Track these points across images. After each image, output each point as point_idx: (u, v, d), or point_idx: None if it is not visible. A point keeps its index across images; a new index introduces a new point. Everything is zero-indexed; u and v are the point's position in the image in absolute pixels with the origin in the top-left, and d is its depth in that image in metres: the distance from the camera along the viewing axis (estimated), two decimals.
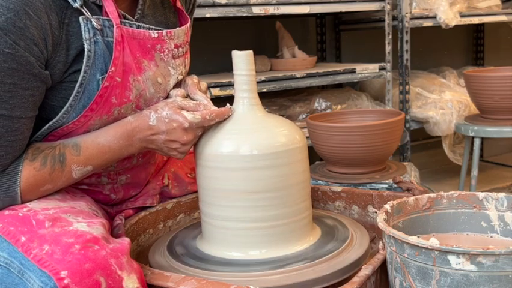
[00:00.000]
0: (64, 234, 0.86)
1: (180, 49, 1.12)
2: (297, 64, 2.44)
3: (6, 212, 0.94)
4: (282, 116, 1.81)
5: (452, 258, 0.80)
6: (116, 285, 0.83)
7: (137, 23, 1.05)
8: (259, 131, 1.03)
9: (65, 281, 0.79)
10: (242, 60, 1.05)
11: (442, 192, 1.05)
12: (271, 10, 2.12)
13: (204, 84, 1.14)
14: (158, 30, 1.07)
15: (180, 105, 1.04)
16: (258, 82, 2.02)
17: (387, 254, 0.91)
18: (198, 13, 1.97)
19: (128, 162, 1.15)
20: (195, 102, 1.06)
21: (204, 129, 1.05)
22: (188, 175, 1.30)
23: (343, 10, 2.34)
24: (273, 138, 1.02)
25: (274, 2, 2.12)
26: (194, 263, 1.01)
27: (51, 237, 0.85)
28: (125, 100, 1.02)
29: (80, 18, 0.96)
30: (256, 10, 2.09)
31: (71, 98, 0.98)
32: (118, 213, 1.19)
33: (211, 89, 2.03)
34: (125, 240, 0.92)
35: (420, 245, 0.82)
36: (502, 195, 1.02)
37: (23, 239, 0.86)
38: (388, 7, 2.43)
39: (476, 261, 0.78)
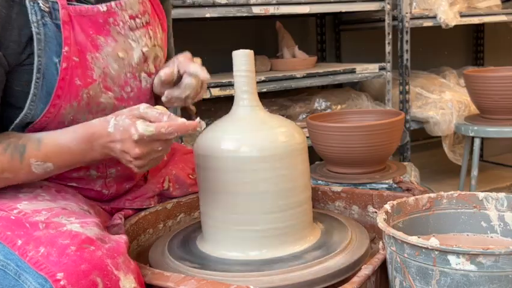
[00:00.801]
0: (59, 236, 0.85)
1: (138, 20, 1.07)
2: (297, 64, 2.44)
3: None
4: (282, 116, 1.81)
5: (452, 258, 0.80)
6: (113, 286, 0.82)
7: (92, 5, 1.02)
8: (259, 131, 1.03)
9: (62, 283, 0.79)
10: (242, 60, 1.05)
11: (442, 192, 1.05)
12: (271, 10, 2.12)
13: (198, 60, 1.09)
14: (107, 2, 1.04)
15: (141, 113, 0.95)
16: (258, 82, 2.02)
17: (387, 254, 0.91)
18: (198, 13, 1.97)
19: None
20: (159, 111, 0.95)
21: (167, 143, 0.96)
22: (190, 176, 1.29)
23: (343, 10, 2.34)
24: (273, 138, 1.02)
25: (274, 2, 2.12)
26: (194, 263, 1.01)
27: (46, 239, 0.85)
28: (89, 80, 1.00)
29: (27, 1, 0.95)
30: (256, 10, 2.09)
31: (32, 85, 0.97)
32: (114, 210, 1.18)
33: (211, 89, 2.03)
34: (122, 239, 0.91)
35: (420, 245, 0.82)
36: (502, 195, 1.02)
37: (19, 242, 0.86)
38: (388, 7, 2.43)
39: (476, 261, 0.78)
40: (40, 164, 0.97)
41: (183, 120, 0.94)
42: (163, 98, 1.11)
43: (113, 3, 1.04)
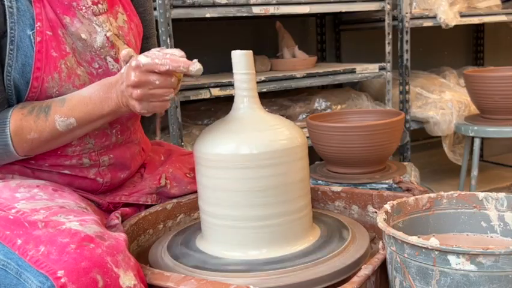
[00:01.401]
0: (58, 234, 0.86)
1: (100, 6, 1.12)
2: (297, 64, 2.44)
3: None
4: (282, 116, 1.81)
5: (452, 258, 0.80)
6: (113, 283, 0.83)
7: None
8: (259, 131, 1.03)
9: (62, 280, 0.79)
10: (242, 60, 1.05)
11: (442, 192, 1.05)
12: (271, 10, 2.12)
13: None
14: None
15: (145, 53, 1.00)
16: (258, 82, 2.02)
17: (387, 254, 0.91)
18: (198, 13, 1.97)
19: (107, 139, 1.14)
20: (173, 52, 0.99)
21: (166, 79, 0.97)
22: (187, 175, 1.29)
23: (343, 10, 2.34)
24: (273, 138, 1.02)
25: (274, 2, 2.12)
26: (194, 262, 1.01)
27: (46, 237, 0.86)
28: (64, 53, 1.05)
29: None
30: (256, 10, 2.09)
31: (6, 56, 1.01)
32: (112, 205, 1.18)
33: (211, 89, 2.03)
34: (121, 236, 0.92)
35: (420, 245, 0.82)
36: (502, 195, 1.01)
37: (19, 241, 0.87)
38: (388, 7, 2.43)
39: (476, 261, 0.78)
40: (64, 119, 1.02)
41: (183, 59, 0.97)
42: None
43: None
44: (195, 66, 0.97)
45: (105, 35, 1.12)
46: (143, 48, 1.25)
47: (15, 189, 1.02)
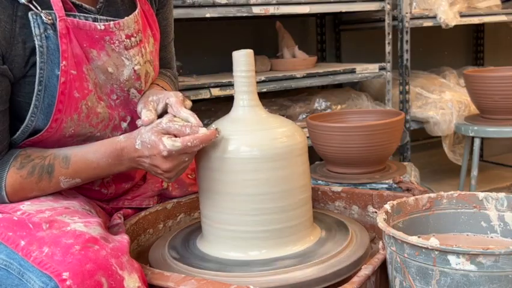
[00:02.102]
0: (62, 236, 0.86)
1: (133, 39, 1.07)
2: (297, 64, 2.44)
3: (0, 215, 0.94)
4: (282, 116, 1.81)
5: (452, 258, 0.80)
6: (117, 285, 0.83)
7: (93, 16, 1.02)
8: (259, 132, 1.03)
9: (68, 283, 0.79)
10: (242, 60, 1.05)
11: (442, 192, 1.05)
12: (271, 10, 2.12)
13: (189, 103, 1.07)
14: (110, 20, 1.04)
15: (165, 128, 0.98)
16: (258, 82, 2.02)
17: (387, 254, 0.91)
18: (198, 13, 1.97)
19: None
20: (180, 124, 0.99)
21: (193, 154, 1.01)
22: (189, 176, 1.29)
23: (343, 10, 2.34)
24: (273, 139, 1.02)
25: (274, 2, 2.12)
26: (194, 263, 1.01)
27: (50, 239, 0.85)
28: (86, 92, 1.01)
29: (29, 13, 0.95)
30: (256, 10, 2.09)
31: (34, 97, 0.98)
32: (114, 210, 1.18)
33: (211, 89, 2.03)
34: (125, 239, 0.92)
35: (420, 245, 0.82)
36: (502, 195, 1.01)
37: (23, 243, 0.86)
38: (388, 7, 2.43)
39: (476, 261, 0.78)
40: (69, 180, 1.02)
41: (204, 130, 0.98)
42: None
43: (112, 23, 1.03)
44: (219, 131, 1.01)
45: (133, 68, 1.08)
46: (161, 57, 1.24)
47: None
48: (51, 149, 1.02)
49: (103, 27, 1.02)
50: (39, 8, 0.95)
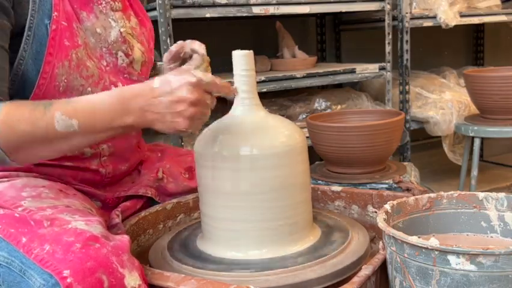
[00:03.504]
0: (63, 233, 0.86)
1: (116, 3, 1.18)
2: (297, 64, 2.44)
3: (1, 211, 0.94)
4: (282, 116, 1.81)
5: (452, 258, 0.80)
6: (118, 283, 0.83)
7: None
8: (259, 131, 1.03)
9: (68, 280, 0.79)
10: (242, 60, 1.05)
11: (442, 192, 1.05)
12: (271, 10, 2.12)
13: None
14: None
15: (187, 69, 1.02)
16: (258, 82, 2.02)
17: (387, 254, 0.91)
18: (198, 13, 1.97)
19: None
20: (203, 72, 1.00)
21: (211, 104, 0.96)
22: (183, 175, 1.31)
23: (343, 10, 2.34)
24: (273, 138, 1.02)
25: (274, 2, 2.12)
26: (194, 263, 1.01)
27: (51, 236, 0.86)
28: (76, 44, 1.06)
29: None
30: (256, 10, 2.09)
31: (22, 41, 1.01)
32: (111, 201, 1.19)
33: None
34: (125, 237, 0.92)
35: (420, 245, 0.82)
36: (502, 195, 1.01)
37: (24, 239, 0.87)
38: (388, 7, 2.43)
39: (476, 261, 0.78)
40: (65, 118, 0.90)
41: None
42: None
43: None
44: (236, 91, 1.05)
45: (119, 30, 1.16)
46: None
47: (21, 189, 1.02)
48: None
49: None
50: None
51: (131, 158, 1.26)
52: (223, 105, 1.31)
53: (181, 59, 1.21)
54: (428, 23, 2.61)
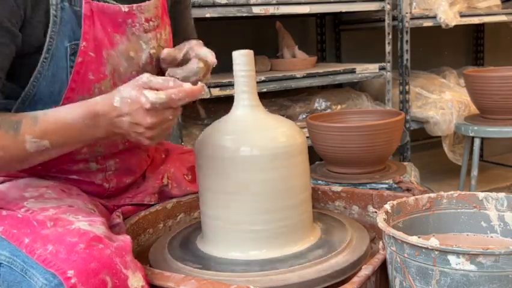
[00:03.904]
0: (67, 234, 0.86)
1: (151, 23, 1.09)
2: (297, 64, 2.44)
3: (4, 212, 0.94)
4: (282, 116, 1.81)
5: (452, 258, 0.80)
6: (121, 284, 0.83)
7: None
8: (259, 131, 1.03)
9: (72, 281, 0.79)
10: (242, 60, 1.05)
11: (442, 192, 1.05)
12: (271, 10, 2.12)
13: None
14: (128, 4, 1.06)
15: (145, 81, 0.92)
16: (258, 82, 2.02)
17: (387, 254, 0.91)
18: (198, 13, 1.97)
19: (115, 148, 1.13)
20: (163, 78, 0.94)
21: (177, 111, 0.94)
22: (185, 177, 1.30)
23: (343, 10, 2.34)
24: (273, 139, 1.02)
25: (274, 2, 2.12)
26: (194, 263, 1.01)
27: (54, 237, 0.86)
28: (101, 76, 1.01)
29: None
30: (256, 10, 2.09)
31: (39, 64, 0.98)
32: (116, 207, 1.18)
33: (211, 89, 2.03)
34: (127, 238, 0.92)
35: (420, 245, 0.82)
36: (502, 195, 1.01)
37: (27, 240, 0.86)
38: (388, 7, 2.43)
39: (476, 261, 0.78)
40: (36, 141, 0.91)
41: (188, 84, 0.93)
42: (166, 75, 1.10)
43: (134, 5, 1.06)
44: (205, 88, 0.96)
45: (149, 52, 1.09)
46: (184, 26, 1.30)
47: (23, 189, 1.02)
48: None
49: (127, 10, 1.04)
50: None
51: (137, 171, 1.24)
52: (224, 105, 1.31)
53: (177, 64, 1.11)
54: (428, 23, 2.61)
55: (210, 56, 1.08)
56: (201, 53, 1.08)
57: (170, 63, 1.10)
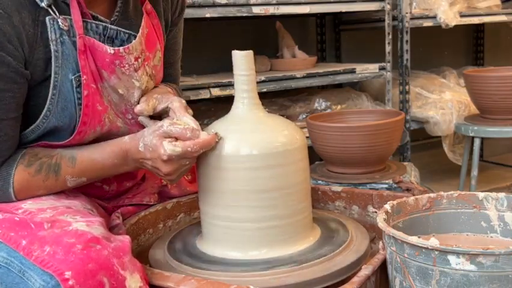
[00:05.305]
0: (64, 235, 0.86)
1: (139, 60, 1.08)
2: (297, 64, 2.44)
3: (1, 215, 0.94)
4: (282, 116, 1.81)
5: (452, 258, 0.80)
6: (119, 285, 0.83)
7: (103, 24, 1.04)
8: (259, 131, 1.03)
9: (70, 282, 0.79)
10: (242, 60, 1.05)
11: (442, 192, 1.05)
12: (271, 10, 2.12)
13: (191, 111, 1.07)
14: (121, 32, 1.06)
15: (166, 131, 0.99)
16: (258, 82, 2.02)
17: (387, 254, 0.91)
18: (198, 13, 1.97)
19: None
20: (181, 127, 0.99)
21: (193, 159, 1.01)
22: (185, 177, 1.30)
23: (343, 10, 2.34)
24: (273, 139, 1.02)
25: (274, 2, 2.12)
26: (194, 263, 1.01)
27: (51, 238, 0.85)
28: (105, 105, 1.05)
29: (47, 18, 0.97)
30: (256, 10, 2.09)
31: (47, 101, 0.99)
32: (116, 209, 1.18)
33: (211, 89, 2.04)
34: (126, 238, 0.92)
35: (420, 245, 0.82)
36: (502, 195, 1.02)
37: (24, 242, 0.86)
38: (388, 7, 2.43)
39: (476, 261, 0.78)
40: (75, 179, 1.03)
41: (204, 134, 1.00)
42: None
43: (121, 48, 1.04)
44: (219, 136, 1.01)
45: (141, 88, 1.10)
46: (166, 74, 1.24)
47: None
48: (58, 149, 1.04)
49: (112, 52, 1.03)
50: (57, 14, 0.97)
51: (138, 175, 1.25)
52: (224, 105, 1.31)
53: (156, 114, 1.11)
54: (428, 23, 2.61)
55: (194, 126, 1.01)
56: (184, 121, 1.02)
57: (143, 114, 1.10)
